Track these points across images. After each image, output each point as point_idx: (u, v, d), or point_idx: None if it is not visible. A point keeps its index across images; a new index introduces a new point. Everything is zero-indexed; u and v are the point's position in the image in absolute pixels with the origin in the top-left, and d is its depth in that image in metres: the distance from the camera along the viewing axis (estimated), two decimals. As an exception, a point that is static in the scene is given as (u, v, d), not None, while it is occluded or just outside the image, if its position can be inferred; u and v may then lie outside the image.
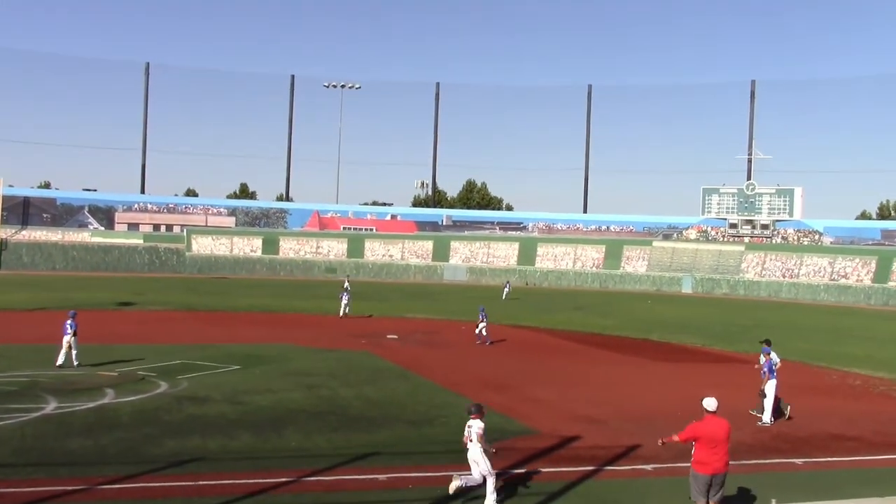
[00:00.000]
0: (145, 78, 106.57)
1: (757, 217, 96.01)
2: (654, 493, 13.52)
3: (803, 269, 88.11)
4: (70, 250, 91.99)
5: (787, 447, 17.14)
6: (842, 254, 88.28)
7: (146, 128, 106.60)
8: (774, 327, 47.01)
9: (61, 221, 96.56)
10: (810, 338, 40.43)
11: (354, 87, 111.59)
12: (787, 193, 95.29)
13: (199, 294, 58.42)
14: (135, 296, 53.40)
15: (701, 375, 26.65)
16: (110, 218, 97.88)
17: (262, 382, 22.49)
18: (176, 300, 51.77)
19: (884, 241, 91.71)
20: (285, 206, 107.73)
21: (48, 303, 46.34)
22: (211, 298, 54.60)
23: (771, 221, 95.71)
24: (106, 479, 13.11)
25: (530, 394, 22.51)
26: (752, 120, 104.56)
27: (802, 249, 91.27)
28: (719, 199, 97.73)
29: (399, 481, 13.69)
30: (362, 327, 37.36)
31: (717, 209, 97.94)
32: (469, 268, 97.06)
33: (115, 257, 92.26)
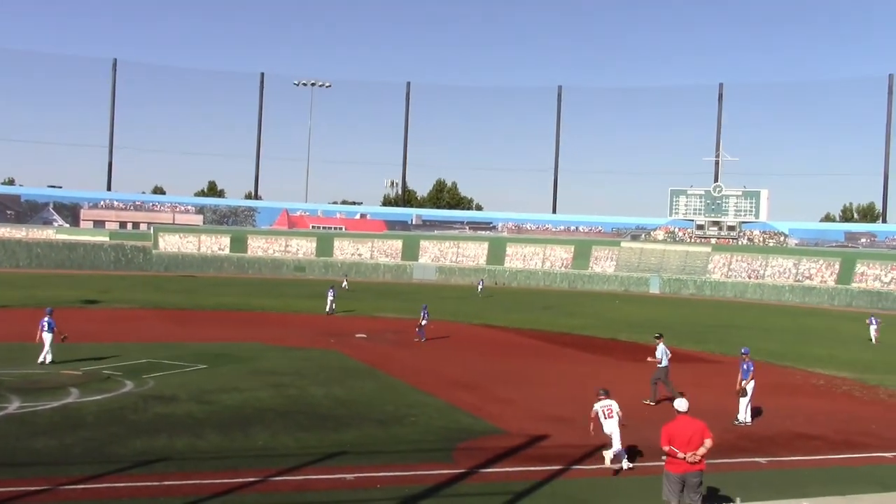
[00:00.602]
0: (112, 74, 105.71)
1: (723, 218, 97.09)
2: (623, 492, 13.61)
3: (768, 270, 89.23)
4: (34, 247, 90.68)
5: (751, 446, 17.31)
6: (806, 255, 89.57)
7: (113, 125, 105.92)
8: (740, 327, 47.63)
9: (25, 218, 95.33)
10: (775, 338, 40.99)
11: (325, 85, 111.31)
12: (754, 196, 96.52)
13: (166, 292, 57.91)
14: (100, 294, 52.82)
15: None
16: (76, 215, 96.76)
17: (229, 381, 22.33)
18: (142, 298, 51.30)
19: (847, 243, 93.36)
20: (254, 205, 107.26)
21: (11, 301, 45.71)
22: (178, 297, 54.15)
23: (737, 223, 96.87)
24: (71, 480, 12.97)
25: (498, 393, 22.55)
26: (720, 122, 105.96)
27: (768, 251, 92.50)
28: (687, 200, 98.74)
29: (367, 481, 13.63)
30: (331, 326, 37.23)
31: (684, 210, 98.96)
32: (438, 267, 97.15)
33: (80, 255, 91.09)
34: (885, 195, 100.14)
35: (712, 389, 23.52)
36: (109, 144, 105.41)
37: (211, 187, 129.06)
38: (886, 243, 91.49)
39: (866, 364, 32.24)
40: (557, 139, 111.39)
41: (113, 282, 67.98)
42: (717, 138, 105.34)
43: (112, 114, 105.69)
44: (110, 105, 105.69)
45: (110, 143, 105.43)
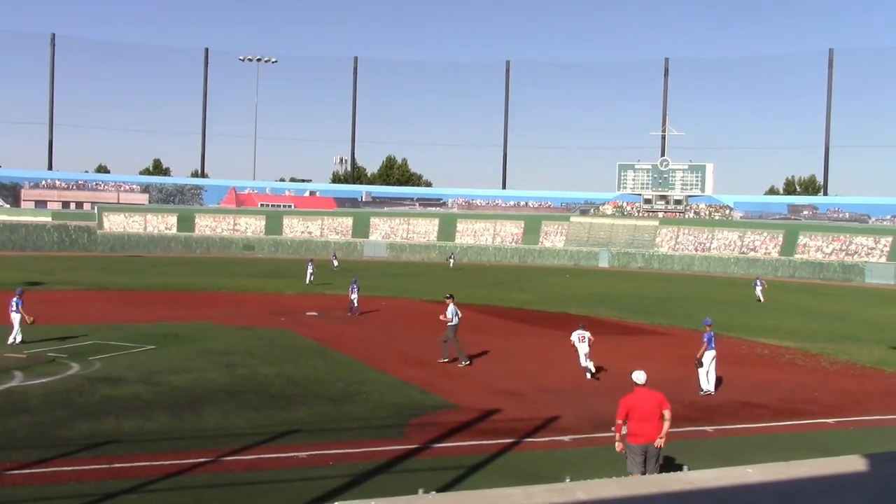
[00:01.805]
0: (51, 49, 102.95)
1: (670, 192, 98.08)
2: (573, 464, 13.66)
3: (714, 242, 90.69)
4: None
5: (697, 415, 17.60)
6: (751, 228, 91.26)
7: (52, 101, 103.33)
8: (687, 300, 48.32)
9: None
10: (721, 309, 41.64)
11: (270, 60, 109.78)
12: (699, 169, 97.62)
13: (112, 273, 56.98)
14: (43, 275, 51.76)
15: (618, 347, 27.14)
16: (16, 195, 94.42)
17: (178, 362, 22.08)
18: (87, 279, 50.39)
19: (790, 216, 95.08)
20: (201, 183, 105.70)
21: (-50, 283, 44.56)
22: (124, 277, 53.31)
23: (684, 197, 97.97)
24: (15, 465, 12.74)
25: (449, 369, 22.64)
26: (666, 97, 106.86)
27: (714, 224, 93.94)
28: (634, 175, 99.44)
29: (320, 458, 13.60)
30: (281, 305, 36.96)
31: (632, 185, 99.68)
32: (389, 244, 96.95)
33: (21, 235, 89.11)
34: (825, 168, 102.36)
35: (661, 361, 23.85)
36: (49, 122, 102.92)
37: (156, 166, 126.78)
38: (828, 215, 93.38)
39: (808, 334, 32.92)
40: (506, 114, 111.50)
41: (57, 263, 66.67)
42: (663, 113, 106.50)
43: (51, 90, 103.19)
44: (49, 81, 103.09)
45: (50, 120, 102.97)
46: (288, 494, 11.56)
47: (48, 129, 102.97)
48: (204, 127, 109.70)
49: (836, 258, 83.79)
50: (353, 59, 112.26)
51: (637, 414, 11.53)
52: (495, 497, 5.75)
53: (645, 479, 6.15)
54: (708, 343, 20.03)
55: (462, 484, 12.38)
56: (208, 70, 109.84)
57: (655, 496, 5.96)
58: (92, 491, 11.58)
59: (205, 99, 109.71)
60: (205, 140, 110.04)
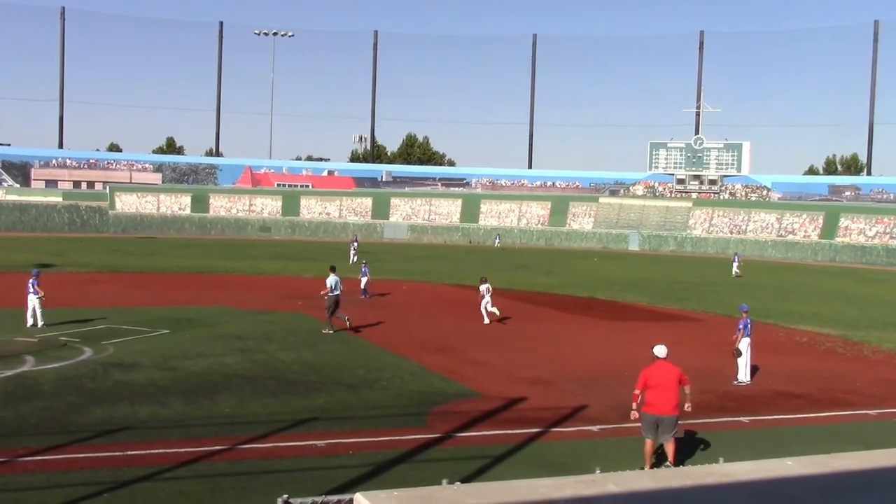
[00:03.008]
0: (61, 23, 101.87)
1: (705, 172, 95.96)
2: (602, 455, 13.28)
3: (751, 225, 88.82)
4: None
5: (732, 405, 17.19)
6: (789, 209, 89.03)
7: (63, 78, 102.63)
8: (722, 284, 47.66)
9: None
10: (757, 294, 40.75)
11: (287, 35, 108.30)
12: (735, 148, 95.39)
13: (125, 255, 56.79)
14: (54, 257, 51.56)
15: (648, 334, 26.39)
16: (26, 174, 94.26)
17: (192, 347, 21.76)
18: (99, 261, 50.19)
19: (831, 197, 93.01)
20: (215, 162, 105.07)
21: (-39, 265, 44.43)
22: (137, 259, 53.11)
23: (719, 177, 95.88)
24: (28, 451, 12.54)
25: (473, 355, 22.17)
26: (701, 73, 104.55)
27: (750, 205, 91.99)
28: (667, 154, 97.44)
29: (339, 447, 13.35)
30: (299, 288, 36.55)
31: (664, 164, 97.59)
32: (410, 226, 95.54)
33: (32, 216, 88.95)
34: (869, 147, 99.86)
35: (693, 349, 23.28)
36: (60, 99, 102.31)
37: (169, 144, 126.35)
38: (871, 196, 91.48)
39: (850, 320, 32.17)
40: (532, 91, 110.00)
41: (68, 244, 66.59)
42: (697, 89, 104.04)
43: (62, 66, 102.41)
44: (59, 57, 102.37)
45: (61, 97, 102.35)
46: (306, 484, 11.27)
47: (58, 106, 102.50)
48: (218, 104, 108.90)
49: (879, 241, 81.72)
50: (372, 33, 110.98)
51: (654, 386, 12.29)
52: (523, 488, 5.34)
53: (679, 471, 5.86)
54: (744, 330, 19.49)
55: (487, 474, 12.12)
56: (223, 44, 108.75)
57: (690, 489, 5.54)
58: (106, 478, 11.40)
59: (219, 75, 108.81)
60: (219, 117, 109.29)
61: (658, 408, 12.19)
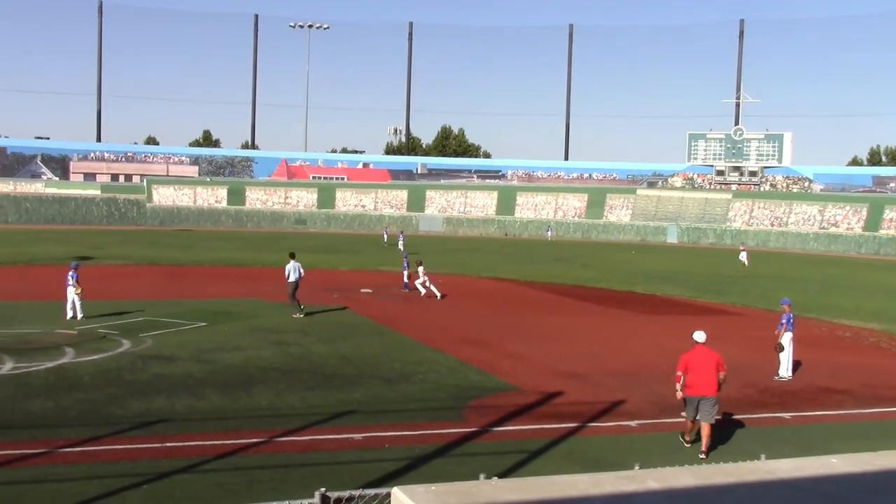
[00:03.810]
0: (98, 17, 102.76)
1: (745, 164, 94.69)
2: (641, 450, 13.15)
3: (792, 217, 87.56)
4: (23, 202, 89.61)
5: (773, 401, 16.91)
6: (832, 201, 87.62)
7: (100, 72, 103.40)
8: (762, 277, 47.00)
9: (12, 171, 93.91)
10: (799, 288, 40.06)
11: (322, 27, 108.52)
12: (777, 139, 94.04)
13: (162, 247, 57.27)
14: (93, 250, 52.12)
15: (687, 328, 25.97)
16: (65, 168, 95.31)
17: (230, 340, 21.84)
18: (137, 254, 50.63)
19: (875, 188, 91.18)
20: (251, 155, 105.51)
21: (1, 258, 45.02)
22: (174, 252, 53.52)
23: (759, 168, 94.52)
24: (68, 442, 12.63)
25: (510, 349, 22.02)
26: (741, 62, 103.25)
27: (791, 197, 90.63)
28: (706, 145, 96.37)
29: (375, 440, 13.29)
30: (334, 281, 36.65)
31: (703, 156, 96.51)
32: (446, 218, 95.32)
33: (71, 209, 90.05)
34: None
35: (733, 343, 22.92)
36: (98, 93, 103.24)
37: (206, 137, 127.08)
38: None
39: (894, 315, 31.49)
40: (569, 82, 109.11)
41: (106, 237, 67.32)
42: (737, 79, 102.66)
43: (99, 60, 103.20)
44: (97, 51, 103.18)
45: (98, 91, 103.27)
46: (343, 477, 11.20)
47: (96, 100, 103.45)
48: (254, 97, 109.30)
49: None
50: (407, 25, 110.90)
51: (694, 369, 13.19)
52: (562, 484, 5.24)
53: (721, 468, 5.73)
54: (787, 324, 19.17)
55: (524, 469, 12.02)
56: (258, 37, 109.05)
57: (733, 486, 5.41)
58: (145, 470, 11.46)
59: (255, 68, 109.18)
60: (255, 110, 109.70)
61: (698, 389, 13.08)
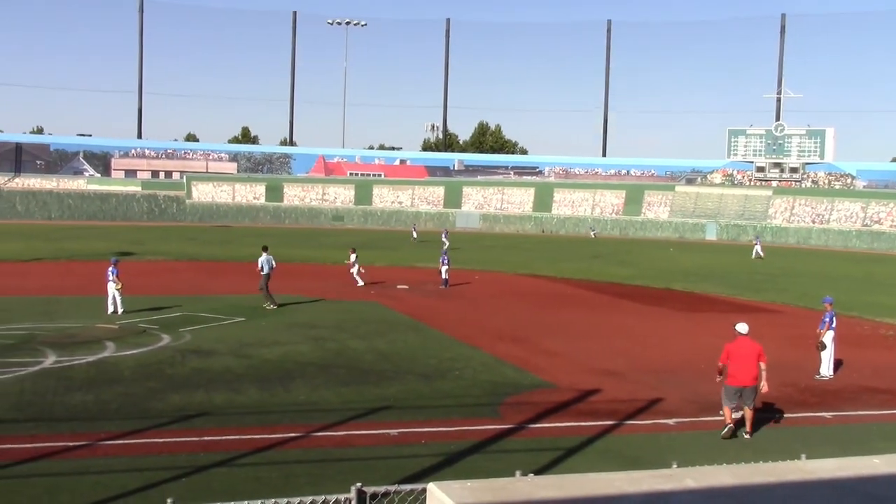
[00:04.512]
0: (139, 15, 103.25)
1: (786, 160, 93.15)
2: (678, 449, 13.02)
3: (834, 214, 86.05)
4: (65, 198, 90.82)
5: (814, 400, 16.66)
6: (875, 198, 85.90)
7: (141, 69, 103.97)
8: (803, 276, 46.33)
9: (55, 168, 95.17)
10: (841, 286, 39.24)
11: (360, 24, 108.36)
12: (818, 135, 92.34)
13: (201, 243, 57.81)
14: (134, 245, 52.75)
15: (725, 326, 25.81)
16: (106, 164, 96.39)
17: (267, 335, 22.00)
18: (177, 250, 51.17)
19: None
20: (289, 151, 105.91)
21: (43, 253, 45.78)
22: (213, 248, 53.99)
23: (800, 164, 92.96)
24: (109, 435, 12.80)
25: (546, 346, 21.96)
26: (782, 57, 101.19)
27: (833, 194, 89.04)
28: (746, 141, 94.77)
29: (411, 436, 13.34)
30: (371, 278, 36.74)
31: (743, 152, 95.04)
32: (482, 214, 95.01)
33: (112, 205, 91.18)
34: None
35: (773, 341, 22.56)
36: (139, 90, 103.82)
37: (244, 134, 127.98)
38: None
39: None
40: (607, 78, 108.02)
41: (146, 233, 68.08)
42: (778, 74, 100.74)
43: (140, 58, 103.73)
44: (138, 49, 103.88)
45: (139, 88, 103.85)
46: (379, 472, 11.21)
47: (137, 97, 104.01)
48: (292, 94, 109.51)
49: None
50: (444, 21, 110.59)
51: (736, 359, 13.74)
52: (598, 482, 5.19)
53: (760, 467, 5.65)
54: (829, 323, 18.88)
55: (560, 466, 11.95)
56: (296, 34, 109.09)
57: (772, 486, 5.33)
58: (184, 463, 11.57)
59: (293, 65, 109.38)
60: (293, 107, 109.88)
61: (740, 379, 13.64)
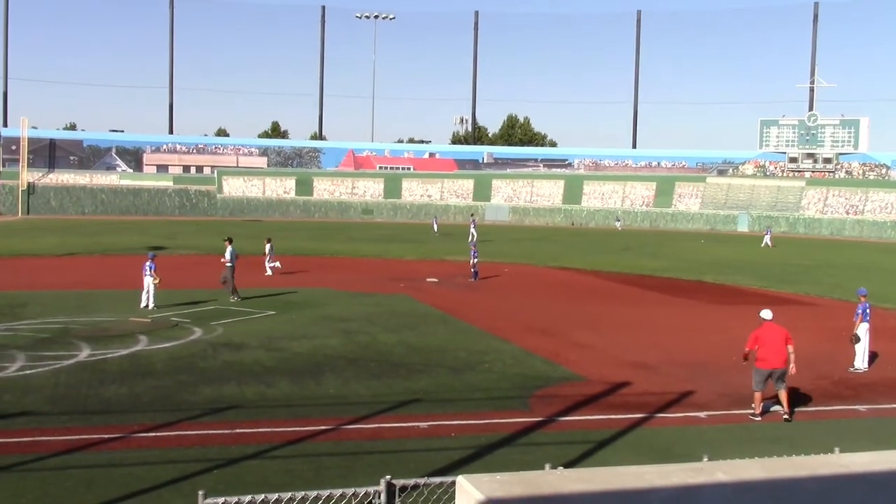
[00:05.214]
0: (170, 11, 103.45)
1: (819, 150, 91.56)
2: (709, 442, 12.93)
3: (869, 205, 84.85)
4: (98, 193, 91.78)
5: (848, 393, 16.49)
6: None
7: (172, 65, 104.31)
8: (837, 267, 45.79)
9: (88, 164, 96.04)
10: (875, 278, 38.71)
11: (388, 17, 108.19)
12: (853, 124, 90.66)
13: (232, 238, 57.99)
14: (166, 240, 53.21)
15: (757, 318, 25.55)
16: (138, 160, 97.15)
17: (298, 328, 22.11)
18: (208, 244, 51.32)
19: None
20: (319, 145, 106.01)
21: (77, 248, 46.30)
22: (243, 242, 53.62)
23: (834, 155, 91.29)
24: (142, 427, 12.93)
25: (576, 338, 21.89)
26: (815, 45, 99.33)
27: (868, 184, 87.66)
28: (778, 131, 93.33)
29: (441, 429, 13.33)
30: (401, 271, 36.88)
31: (775, 142, 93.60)
32: (512, 207, 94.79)
33: (144, 200, 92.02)
34: None
35: (807, 334, 22.33)
36: (170, 86, 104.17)
37: (274, 128, 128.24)
38: None
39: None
40: (637, 69, 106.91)
41: (178, 227, 68.62)
42: (811, 63, 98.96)
43: (171, 54, 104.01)
44: (169, 45, 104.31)
45: (170, 84, 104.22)
46: (409, 465, 11.31)
47: (168, 93, 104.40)
48: (321, 88, 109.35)
49: None
50: (473, 14, 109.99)
51: (765, 343, 14.30)
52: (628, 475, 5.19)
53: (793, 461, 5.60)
54: (863, 315, 18.63)
55: (590, 459, 11.95)
56: (325, 28, 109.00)
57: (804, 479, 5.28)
58: (215, 456, 11.65)
59: (322, 59, 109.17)
60: (322, 101, 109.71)
61: (770, 362, 14.18)
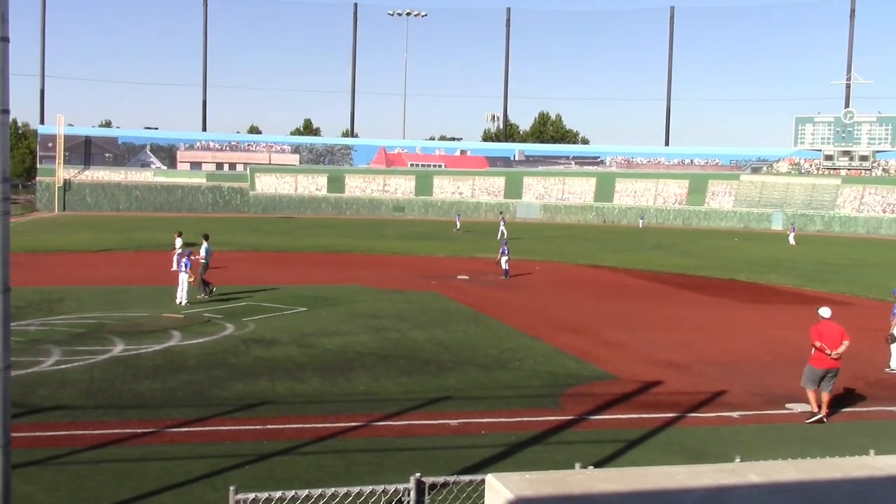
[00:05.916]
0: (204, 9, 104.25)
1: (855, 148, 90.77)
2: (742, 442, 12.80)
3: None
4: (133, 190, 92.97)
5: (884, 394, 16.24)
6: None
7: (206, 62, 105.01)
8: (873, 266, 45.24)
9: (123, 161, 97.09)
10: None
11: (420, 14, 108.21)
12: (890, 121, 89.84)
13: (264, 234, 58.57)
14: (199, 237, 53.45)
15: (791, 318, 25.35)
16: (172, 157, 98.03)
17: (329, 325, 22.17)
18: (241, 241, 51.87)
19: None
20: (350, 143, 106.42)
21: (112, 244, 46.89)
22: (276, 239, 54.67)
23: (871, 152, 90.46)
24: (175, 422, 13.04)
25: (608, 337, 21.78)
26: (852, 41, 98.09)
27: None
28: (814, 128, 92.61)
29: (471, 427, 13.29)
30: (432, 268, 36.91)
31: (811, 140, 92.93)
32: (543, 205, 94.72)
33: (178, 197, 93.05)
34: None
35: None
36: (203, 83, 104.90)
37: (306, 125, 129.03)
38: None
39: None
40: (670, 65, 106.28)
41: (211, 224, 68.93)
42: (848, 59, 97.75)
43: (205, 51, 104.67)
44: (202, 42, 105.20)
45: (204, 82, 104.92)
46: (439, 462, 11.28)
47: (202, 90, 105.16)
48: (353, 85, 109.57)
49: None
50: (505, 11, 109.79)
51: (826, 340, 14.00)
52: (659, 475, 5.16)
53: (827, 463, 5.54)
54: None
55: (621, 459, 11.87)
56: (357, 26, 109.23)
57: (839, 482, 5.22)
58: (247, 451, 11.70)
59: (354, 56, 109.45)
60: (354, 99, 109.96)
61: (826, 362, 13.97)
